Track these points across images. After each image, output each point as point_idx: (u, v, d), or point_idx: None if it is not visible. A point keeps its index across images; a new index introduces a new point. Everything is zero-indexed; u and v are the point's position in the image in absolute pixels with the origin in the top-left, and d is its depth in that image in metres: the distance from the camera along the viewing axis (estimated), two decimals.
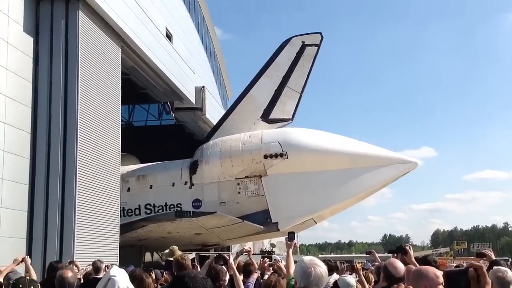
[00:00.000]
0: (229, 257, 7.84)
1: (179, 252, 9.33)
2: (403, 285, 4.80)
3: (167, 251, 9.78)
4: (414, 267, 5.59)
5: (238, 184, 22.08)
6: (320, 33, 24.12)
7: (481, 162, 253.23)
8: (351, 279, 6.43)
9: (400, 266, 5.06)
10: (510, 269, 6.15)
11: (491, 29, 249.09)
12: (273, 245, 45.46)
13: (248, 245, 22.67)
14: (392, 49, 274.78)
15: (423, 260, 6.54)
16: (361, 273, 8.64)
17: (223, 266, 7.66)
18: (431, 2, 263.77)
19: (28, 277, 5.80)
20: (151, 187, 23.28)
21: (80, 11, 16.79)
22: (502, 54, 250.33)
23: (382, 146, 22.92)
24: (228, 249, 28.73)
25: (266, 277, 7.83)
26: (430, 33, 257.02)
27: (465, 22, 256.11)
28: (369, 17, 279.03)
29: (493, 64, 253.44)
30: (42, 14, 16.78)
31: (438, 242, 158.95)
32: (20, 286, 3.92)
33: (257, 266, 8.54)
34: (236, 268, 8.91)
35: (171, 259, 8.37)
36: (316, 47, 23.87)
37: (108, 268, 9.21)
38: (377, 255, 9.83)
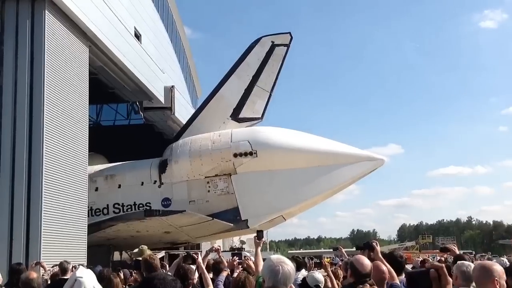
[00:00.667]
0: (198, 256, 7.87)
1: (148, 252, 9.29)
2: (368, 285, 4.88)
3: (136, 250, 9.72)
4: (380, 263, 5.71)
5: (208, 182, 22.11)
6: (290, 33, 24.27)
7: (445, 159, 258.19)
8: (319, 275, 6.52)
9: (366, 262, 5.12)
10: (473, 262, 6.35)
11: (454, 27, 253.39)
12: (242, 242, 45.72)
13: (218, 243, 22.69)
14: (358, 45, 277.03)
15: (390, 256, 6.63)
16: (329, 269, 8.73)
17: (192, 265, 7.68)
18: None
19: None
20: (119, 186, 23.11)
21: (46, 11, 16.53)
22: (464, 52, 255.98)
23: (350, 143, 23.23)
24: (198, 247, 28.70)
25: (235, 274, 7.87)
26: (394, 29, 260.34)
27: (429, 19, 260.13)
28: (336, 12, 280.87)
29: (455, 61, 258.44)
30: (7, 13, 16.53)
31: (404, 236, 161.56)
32: None
33: (226, 264, 8.57)
34: (206, 266, 8.94)
35: (140, 258, 8.36)
36: (286, 47, 24.00)
37: (75, 268, 9.14)
38: (344, 250, 9.95)
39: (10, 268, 8.14)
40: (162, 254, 21.50)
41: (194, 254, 8.00)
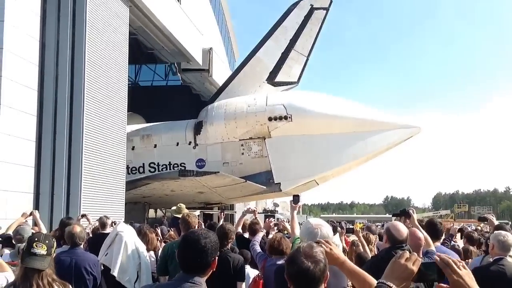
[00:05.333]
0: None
1: (186, 210, 9.52)
2: (407, 251, 4.96)
3: (174, 208, 9.96)
4: (417, 230, 5.79)
5: (242, 145, 22.25)
6: None
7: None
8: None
9: (402, 229, 5.19)
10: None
11: None
12: (276, 205, 46.05)
13: (251, 204, 22.90)
14: (399, 16, 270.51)
15: (429, 223, 6.71)
16: (360, 234, 8.87)
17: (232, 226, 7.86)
18: None
19: (43, 232, 5.98)
20: (155, 146, 23.50)
21: None
22: None
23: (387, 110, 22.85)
24: (231, 207, 29.10)
25: (270, 236, 8.03)
26: None
27: None
28: None
29: None
30: None
31: (439, 205, 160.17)
32: (36, 239, 4.04)
33: (262, 226, 8.74)
34: (242, 227, 9.15)
35: (178, 216, 8.59)
36: (325, 11, 23.51)
37: (114, 224, 9.47)
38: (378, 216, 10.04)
39: (61, 221, 8.51)
40: (197, 213, 21.89)
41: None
